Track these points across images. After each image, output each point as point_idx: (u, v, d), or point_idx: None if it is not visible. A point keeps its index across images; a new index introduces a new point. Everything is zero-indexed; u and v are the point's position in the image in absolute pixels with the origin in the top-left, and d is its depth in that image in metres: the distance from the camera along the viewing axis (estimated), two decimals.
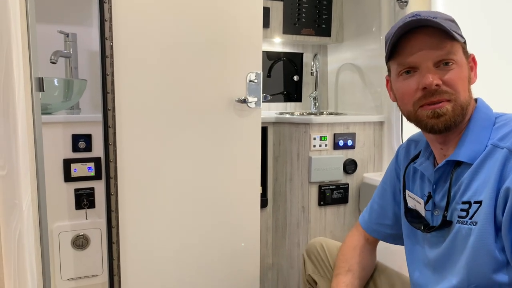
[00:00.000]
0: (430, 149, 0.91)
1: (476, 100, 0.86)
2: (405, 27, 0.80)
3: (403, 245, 1.00)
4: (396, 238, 1.05)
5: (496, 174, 0.74)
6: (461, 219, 0.79)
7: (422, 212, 0.90)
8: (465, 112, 0.81)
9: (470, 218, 0.78)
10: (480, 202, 0.76)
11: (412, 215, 0.92)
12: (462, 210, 0.79)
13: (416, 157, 0.94)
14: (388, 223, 1.05)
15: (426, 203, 0.89)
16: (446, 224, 0.83)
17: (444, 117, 0.79)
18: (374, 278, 1.09)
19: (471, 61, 0.84)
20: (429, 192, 0.88)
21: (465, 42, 0.83)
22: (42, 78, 0.82)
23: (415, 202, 0.92)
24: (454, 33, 0.78)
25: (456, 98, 0.79)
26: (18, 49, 0.67)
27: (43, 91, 0.82)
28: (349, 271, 1.04)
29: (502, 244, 0.75)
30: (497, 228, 0.75)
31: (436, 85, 0.78)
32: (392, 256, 1.14)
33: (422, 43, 0.80)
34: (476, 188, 0.78)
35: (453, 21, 0.83)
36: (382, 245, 1.12)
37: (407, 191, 0.95)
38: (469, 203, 0.78)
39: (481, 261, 0.76)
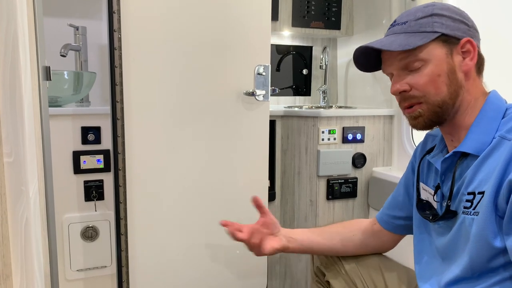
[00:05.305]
0: (444, 143, 0.91)
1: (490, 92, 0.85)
2: (355, 55, 0.88)
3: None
4: (406, 229, 1.06)
5: (501, 165, 0.74)
6: (466, 210, 0.80)
7: (434, 203, 0.90)
8: (447, 107, 0.81)
9: (474, 209, 0.78)
10: (483, 193, 0.76)
11: (424, 207, 0.92)
12: (467, 201, 0.80)
13: (431, 150, 0.94)
14: (398, 215, 1.05)
15: (435, 194, 0.89)
16: (449, 213, 0.83)
17: (420, 118, 0.83)
18: (382, 273, 1.08)
19: (467, 44, 0.80)
20: (438, 183, 0.88)
21: (444, 34, 0.79)
22: (49, 67, 0.82)
23: (428, 194, 0.92)
24: (418, 35, 0.79)
25: (428, 99, 0.81)
26: (25, 38, 0.67)
27: (50, 80, 0.82)
28: (328, 225, 1.16)
29: (502, 233, 0.74)
30: (499, 217, 0.75)
31: (404, 91, 0.82)
32: (400, 251, 1.13)
33: (387, 52, 0.83)
34: (481, 179, 0.77)
35: (430, 15, 0.80)
36: None
37: (421, 184, 0.95)
38: (473, 193, 0.78)
39: (482, 250, 0.76)
